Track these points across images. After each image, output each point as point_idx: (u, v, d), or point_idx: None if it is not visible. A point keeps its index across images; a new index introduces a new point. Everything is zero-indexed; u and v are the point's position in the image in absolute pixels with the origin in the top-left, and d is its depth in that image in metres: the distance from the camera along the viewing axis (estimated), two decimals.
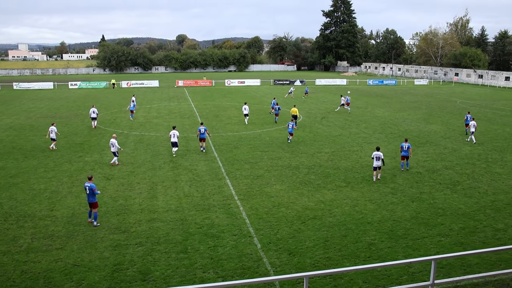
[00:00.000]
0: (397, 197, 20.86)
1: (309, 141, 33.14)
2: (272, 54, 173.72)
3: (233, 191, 21.51)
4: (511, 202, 20.28)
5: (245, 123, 39.49)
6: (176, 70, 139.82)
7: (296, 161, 27.27)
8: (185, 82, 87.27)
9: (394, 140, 33.81)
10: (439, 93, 75.61)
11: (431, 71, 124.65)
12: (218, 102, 57.48)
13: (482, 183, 23.16)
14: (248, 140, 33.36)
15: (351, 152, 29.90)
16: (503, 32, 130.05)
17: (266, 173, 24.62)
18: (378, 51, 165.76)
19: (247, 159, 27.55)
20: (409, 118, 45.75)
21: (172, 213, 18.56)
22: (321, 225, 17.40)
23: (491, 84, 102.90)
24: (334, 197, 20.75)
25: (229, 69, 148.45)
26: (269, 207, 19.31)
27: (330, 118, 44.58)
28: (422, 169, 25.71)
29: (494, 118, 46.85)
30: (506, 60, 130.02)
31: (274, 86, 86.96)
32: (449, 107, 55.59)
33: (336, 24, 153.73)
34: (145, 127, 38.73)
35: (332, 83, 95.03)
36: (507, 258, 14.65)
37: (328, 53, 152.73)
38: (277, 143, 32.40)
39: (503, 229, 17.22)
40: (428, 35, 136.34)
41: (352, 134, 36.28)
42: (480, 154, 29.84)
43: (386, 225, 17.47)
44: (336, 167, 25.89)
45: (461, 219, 18.20)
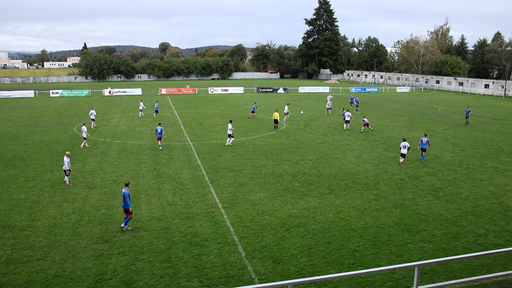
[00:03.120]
0: (381, 203, 21.04)
1: (292, 149, 33.26)
2: (256, 62, 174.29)
3: (217, 199, 21.45)
4: (491, 208, 20.62)
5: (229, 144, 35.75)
6: (159, 78, 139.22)
7: (279, 168, 27.34)
8: (168, 90, 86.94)
9: (376, 147, 34.14)
10: (420, 101, 76.70)
11: (413, 78, 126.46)
12: (201, 110, 57.39)
13: (464, 189, 23.52)
14: (232, 148, 33.34)
15: (334, 159, 30.09)
16: (482, 41, 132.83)
17: (250, 180, 24.61)
18: (361, 59, 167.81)
19: (231, 167, 27.52)
20: (392, 125, 46.27)
21: (156, 222, 18.42)
22: (305, 232, 17.45)
23: (471, 92, 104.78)
24: (318, 204, 20.84)
25: (213, 77, 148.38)
26: (253, 215, 19.30)
27: (313, 126, 44.84)
28: (405, 176, 26.00)
29: (475, 125, 47.66)
30: (485, 68, 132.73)
31: (258, 94, 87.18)
32: (431, 114, 56.40)
33: (318, 32, 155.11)
34: (128, 136, 38.45)
35: (315, 90, 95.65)
36: (488, 263, 14.87)
37: (311, 61, 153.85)
38: (260, 150, 32.44)
39: (484, 234, 17.49)
40: (410, 43, 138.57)
41: (335, 141, 36.53)
42: (462, 160, 30.31)
43: (370, 231, 17.60)
44: (319, 174, 26.02)
45: (443, 225, 18.44)
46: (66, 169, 23.48)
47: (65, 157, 23.60)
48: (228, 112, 55.40)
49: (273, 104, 66.97)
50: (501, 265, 14.70)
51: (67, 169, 23.45)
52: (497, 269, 14.12)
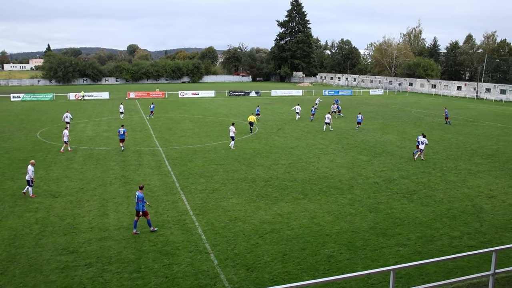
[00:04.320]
0: (355, 208, 21.26)
1: (265, 153, 33.32)
2: (227, 64, 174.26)
3: (188, 206, 21.26)
4: (465, 210, 21.10)
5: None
6: (128, 81, 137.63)
7: (252, 173, 27.33)
8: (137, 94, 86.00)
9: (350, 151, 34.54)
10: (394, 103, 78.13)
11: (386, 81, 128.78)
12: (171, 114, 56.93)
13: (438, 192, 24.00)
14: (203, 153, 33.17)
15: (308, 163, 30.28)
16: (454, 43, 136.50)
17: (222, 186, 24.51)
18: (334, 61, 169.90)
19: (202, 173, 27.35)
20: (365, 128, 46.92)
21: (124, 231, 18.11)
22: (279, 238, 17.45)
23: (444, 94, 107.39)
24: (292, 209, 20.90)
25: (183, 80, 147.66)
26: (226, 222, 19.20)
27: (286, 130, 45.06)
28: (379, 179, 26.36)
29: (448, 127, 48.78)
30: (457, 70, 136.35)
31: (229, 98, 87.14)
32: (404, 117, 57.49)
33: (291, 35, 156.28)
34: (95, 141, 37.77)
35: (287, 93, 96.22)
36: (463, 265, 15.19)
37: (283, 64, 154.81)
38: (233, 155, 32.37)
39: (458, 236, 17.87)
40: (382, 46, 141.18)
41: (308, 145, 36.79)
42: (435, 163, 30.95)
43: (345, 236, 17.74)
44: (293, 179, 26.13)
45: (418, 228, 18.75)
46: (29, 179, 22.23)
47: (29, 165, 22.50)
48: (199, 116, 55.15)
49: (245, 108, 67.06)
50: (476, 267, 15.03)
51: (31, 178, 22.24)
52: (472, 271, 14.44)
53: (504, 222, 19.60)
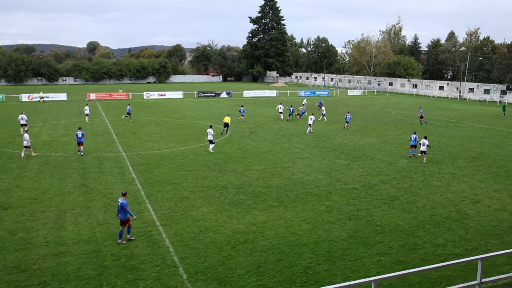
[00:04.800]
0: (333, 215, 21.40)
1: (237, 158, 33.28)
2: (196, 63, 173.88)
3: (154, 216, 21.01)
4: (449, 216, 21.50)
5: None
6: (87, 81, 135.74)
7: (223, 180, 27.24)
8: (98, 95, 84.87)
9: (327, 155, 34.82)
10: (373, 104, 79.28)
11: (365, 81, 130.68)
12: (136, 117, 56.32)
13: (420, 197, 24.39)
14: (170, 158, 32.91)
15: (283, 168, 30.37)
16: (435, 41, 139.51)
17: (191, 194, 24.34)
18: (309, 60, 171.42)
19: (170, 180, 27.11)
20: (343, 130, 47.40)
21: (84, 245, 17.74)
22: (253, 249, 17.41)
23: (426, 94, 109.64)
24: (266, 218, 20.89)
25: (148, 80, 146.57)
26: (195, 232, 19.05)
27: (260, 133, 45.14)
28: (358, 185, 26.63)
29: (430, 129, 49.74)
30: (439, 69, 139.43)
31: (198, 99, 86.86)
32: (384, 119, 58.37)
33: (264, 32, 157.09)
34: (51, 147, 37.01)
35: (261, 94, 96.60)
36: (448, 274, 15.44)
37: (256, 63, 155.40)
38: (202, 161, 32.21)
39: (442, 244, 18.17)
40: (361, 43, 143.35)
41: (283, 149, 36.92)
42: (417, 167, 31.47)
43: (323, 246, 17.82)
44: (267, 186, 26.15)
45: (400, 236, 18.99)
46: None
47: None
48: (166, 119, 54.75)
49: (215, 109, 66.98)
50: (461, 276, 15.30)
51: None
52: (457, 281, 14.67)
53: (489, 228, 20.04)
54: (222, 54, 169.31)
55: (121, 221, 18.08)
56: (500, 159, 34.33)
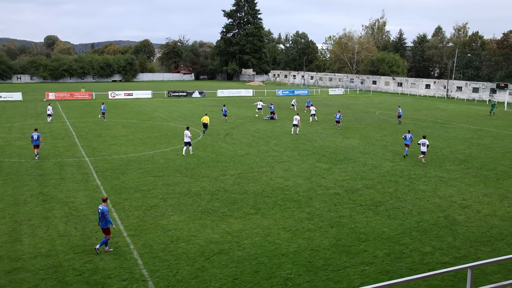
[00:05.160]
0: (314, 222, 21.53)
1: (211, 162, 33.24)
2: (166, 60, 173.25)
3: (121, 226, 20.84)
4: (437, 222, 21.84)
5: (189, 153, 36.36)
6: (46, 79, 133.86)
7: (196, 186, 27.17)
8: (58, 95, 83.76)
9: (308, 158, 35.04)
10: (356, 104, 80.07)
11: (347, 79, 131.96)
12: (100, 119, 55.77)
13: (406, 203, 24.73)
14: (139, 163, 32.69)
15: (260, 173, 30.45)
16: (422, 36, 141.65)
17: (161, 202, 24.21)
18: (288, 57, 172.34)
19: (138, 187, 26.93)
20: (324, 132, 47.77)
21: (43, 259, 17.48)
22: (229, 260, 17.41)
23: (411, 93, 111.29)
24: (243, 226, 20.91)
25: (114, 78, 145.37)
26: (166, 243, 18.95)
27: (235, 135, 45.18)
28: (340, 190, 26.86)
29: (416, 130, 50.43)
30: (425, 66, 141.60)
31: (169, 99, 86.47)
32: (368, 119, 59.00)
33: (239, 26, 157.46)
34: (5, 151, 36.38)
35: (236, 94, 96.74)
36: (436, 284, 15.68)
37: (231, 60, 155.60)
38: (173, 166, 32.09)
39: (430, 252, 18.45)
40: (342, 39, 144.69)
41: (260, 152, 37.03)
42: (403, 170, 31.91)
43: (303, 255, 17.92)
44: (243, 192, 26.18)
45: (385, 244, 19.21)
46: None
47: None
48: (133, 121, 54.37)
49: (187, 110, 66.80)
50: (450, 286, 15.56)
51: None
52: None
53: (479, 235, 20.43)
54: (194, 50, 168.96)
55: (103, 229, 18.20)
56: (489, 162, 35.05)
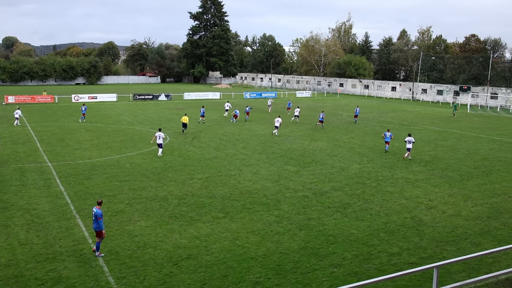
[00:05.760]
0: (283, 225, 21.64)
1: (178, 166, 33.06)
2: (131, 63, 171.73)
3: (85, 232, 20.51)
4: (404, 223, 22.22)
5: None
6: (4, 82, 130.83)
7: (163, 190, 26.98)
8: (18, 98, 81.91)
9: (276, 161, 35.18)
10: (323, 106, 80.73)
11: (314, 81, 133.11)
12: (63, 123, 54.87)
13: (374, 204, 25.08)
14: (104, 168, 32.26)
15: (228, 176, 30.44)
16: (387, 39, 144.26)
17: (127, 207, 23.95)
18: (255, 59, 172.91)
19: (103, 192, 26.57)
20: (292, 135, 48.05)
21: (2, 269, 17.05)
22: (197, 265, 17.34)
23: (378, 95, 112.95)
24: (211, 231, 20.87)
25: (77, 81, 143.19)
26: (133, 249, 18.75)
27: (202, 138, 45.05)
28: (308, 192, 27.06)
29: (383, 132, 51.19)
30: (391, 69, 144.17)
31: (134, 102, 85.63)
32: (335, 121, 59.62)
33: (206, 29, 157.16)
34: None
35: (203, 97, 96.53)
36: (403, 284, 15.94)
37: (197, 62, 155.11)
38: (140, 170, 31.79)
39: (398, 253, 18.75)
40: (310, 42, 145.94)
41: (228, 155, 37.01)
42: (370, 172, 32.35)
43: (272, 259, 17.98)
44: (211, 195, 26.13)
45: (354, 245, 19.44)
46: None
47: None
48: (98, 125, 53.65)
49: (153, 113, 66.30)
50: (417, 285, 15.85)
51: None
52: None
53: (444, 235, 20.88)
54: (160, 52, 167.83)
55: (96, 232, 18.20)
56: (454, 163, 35.85)
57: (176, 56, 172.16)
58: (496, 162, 36.62)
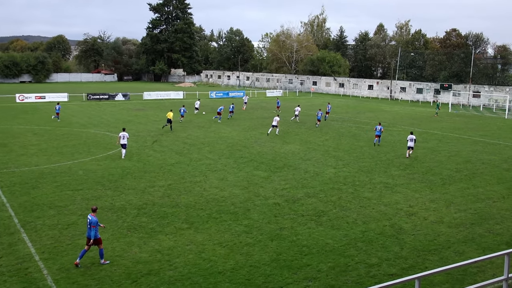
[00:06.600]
0: (253, 236, 21.57)
1: (137, 173, 32.73)
2: (84, 59, 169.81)
3: (32, 248, 20.06)
4: (383, 232, 22.40)
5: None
6: None
7: (121, 200, 26.66)
8: None
9: (245, 166, 35.15)
10: (295, 106, 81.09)
11: (286, 79, 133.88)
12: (6, 126, 53.79)
13: (351, 211, 25.23)
14: (53, 176, 31.70)
15: (193, 183, 30.26)
16: (363, 34, 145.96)
17: (80, 219, 23.54)
18: (222, 56, 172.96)
19: (53, 202, 26.08)
20: (262, 137, 48.10)
21: None
22: (159, 282, 17.15)
23: (354, 94, 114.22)
24: (174, 243, 20.67)
25: (22, 79, 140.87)
26: (87, 266, 18.42)
27: (164, 142, 44.72)
28: (280, 199, 27.07)
29: (359, 133, 51.76)
30: (368, 65, 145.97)
31: (88, 103, 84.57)
32: (308, 123, 59.92)
33: (167, 22, 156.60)
34: None
35: (165, 96, 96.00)
36: None
37: (158, 59, 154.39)
38: (94, 177, 31.34)
39: (377, 264, 18.87)
40: (280, 37, 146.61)
41: (193, 161, 36.82)
42: (346, 176, 32.58)
43: (242, 273, 17.89)
44: (174, 205, 25.92)
45: (329, 256, 19.49)
46: None
47: None
48: (47, 128, 52.76)
49: (109, 115, 65.57)
50: None
51: None
52: None
53: (426, 243, 21.11)
54: (116, 48, 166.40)
55: (94, 240, 18.41)
56: (435, 166, 36.40)
57: (134, 52, 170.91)
58: (480, 164, 37.35)
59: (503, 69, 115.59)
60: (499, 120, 72.46)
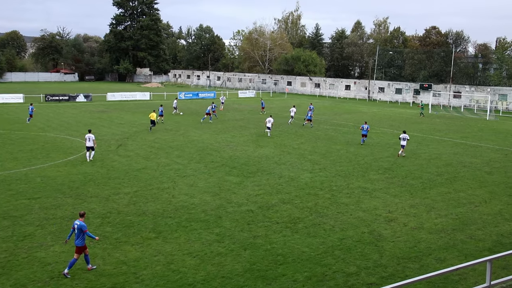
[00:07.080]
0: (225, 245, 21.53)
1: (100, 179, 32.43)
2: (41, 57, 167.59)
3: None
4: (361, 239, 22.56)
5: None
6: None
7: (83, 208, 26.29)
8: None
9: (216, 171, 35.08)
10: (269, 108, 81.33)
11: (259, 79, 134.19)
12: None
13: (328, 218, 25.35)
14: (8, 183, 31.21)
15: (160, 190, 30.10)
16: (340, 31, 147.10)
17: (38, 230, 23.22)
18: (191, 54, 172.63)
19: (7, 212, 25.66)
20: (234, 141, 48.07)
21: None
22: None
23: (330, 95, 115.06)
24: (141, 254, 20.52)
25: None
26: (45, 280, 18.16)
27: (130, 146, 44.40)
28: (254, 206, 27.08)
29: (336, 136, 52.09)
30: (345, 65, 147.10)
31: (46, 104, 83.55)
32: (283, 125, 60.09)
33: (132, 18, 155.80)
34: None
35: (130, 97, 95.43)
36: None
37: (123, 57, 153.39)
38: (53, 185, 30.96)
39: (355, 273, 18.99)
40: (253, 34, 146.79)
41: (160, 166, 36.64)
42: (323, 181, 32.74)
43: (213, 284, 17.84)
44: (141, 213, 25.74)
45: (306, 265, 19.55)
46: None
47: None
48: (0, 131, 51.94)
49: (70, 117, 64.86)
50: None
51: None
52: None
53: (406, 250, 21.33)
54: (77, 45, 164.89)
55: (77, 248, 18.50)
56: (415, 169, 36.83)
57: (97, 50, 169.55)
58: (461, 168, 37.91)
59: (484, 69, 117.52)
60: (480, 121, 73.76)
